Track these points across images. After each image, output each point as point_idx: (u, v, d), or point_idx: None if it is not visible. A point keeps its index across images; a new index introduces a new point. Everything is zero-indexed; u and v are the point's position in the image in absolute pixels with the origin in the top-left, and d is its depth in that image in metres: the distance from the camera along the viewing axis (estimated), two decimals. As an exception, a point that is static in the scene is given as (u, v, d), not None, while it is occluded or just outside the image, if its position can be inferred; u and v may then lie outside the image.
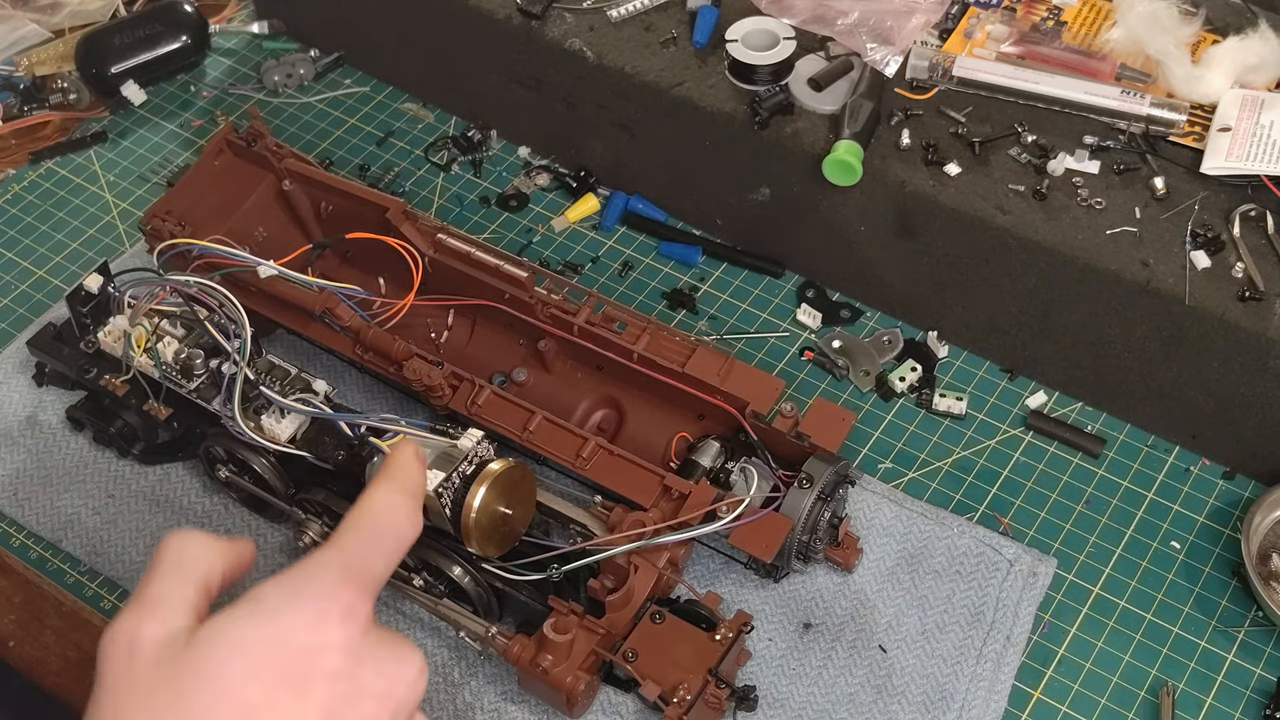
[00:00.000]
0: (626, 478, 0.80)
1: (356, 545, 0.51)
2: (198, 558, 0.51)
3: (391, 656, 0.48)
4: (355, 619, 0.48)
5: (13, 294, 1.02)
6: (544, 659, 0.72)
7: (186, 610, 0.48)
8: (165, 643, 0.47)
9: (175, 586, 0.49)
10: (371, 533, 0.51)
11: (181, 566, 0.50)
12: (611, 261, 1.03)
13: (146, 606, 0.48)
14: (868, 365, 0.95)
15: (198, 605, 0.49)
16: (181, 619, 0.48)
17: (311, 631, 0.47)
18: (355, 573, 0.49)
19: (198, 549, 0.51)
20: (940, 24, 0.98)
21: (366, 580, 0.49)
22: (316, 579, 0.48)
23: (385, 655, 0.48)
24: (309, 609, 0.47)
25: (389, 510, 0.52)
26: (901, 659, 0.80)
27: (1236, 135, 0.88)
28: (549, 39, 1.00)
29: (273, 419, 0.81)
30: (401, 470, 0.54)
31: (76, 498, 0.88)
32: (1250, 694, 0.80)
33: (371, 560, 0.50)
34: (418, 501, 0.54)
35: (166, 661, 0.46)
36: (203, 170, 0.95)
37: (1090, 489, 0.89)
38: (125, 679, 0.46)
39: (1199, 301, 0.83)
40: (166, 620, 0.48)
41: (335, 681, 0.46)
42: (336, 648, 0.47)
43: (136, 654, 0.47)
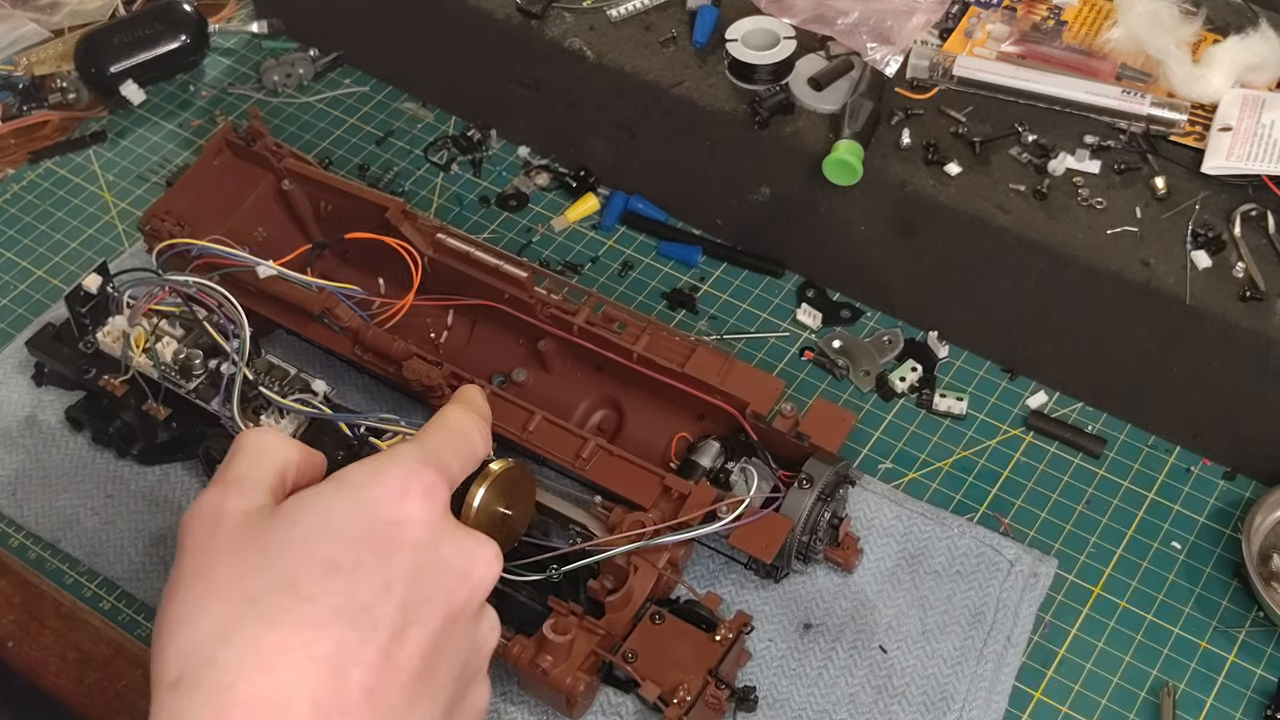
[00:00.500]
0: (626, 478, 0.80)
1: (438, 442, 0.54)
2: (275, 448, 0.52)
3: (469, 537, 0.51)
4: (435, 498, 0.50)
5: (11, 294, 1.02)
6: (543, 660, 0.72)
7: (265, 490, 0.50)
8: (248, 514, 0.49)
9: (257, 468, 0.51)
10: (450, 435, 0.55)
11: (261, 454, 0.52)
12: (611, 261, 1.03)
13: (230, 484, 0.50)
14: (868, 365, 0.95)
15: (275, 489, 0.51)
16: (262, 496, 0.50)
17: (395, 504, 0.49)
18: (436, 461, 0.51)
19: (276, 442, 0.53)
20: (941, 23, 0.98)
21: (444, 470, 0.52)
22: (400, 460, 0.51)
23: (464, 536, 0.51)
24: (393, 484, 0.49)
25: (465, 422, 0.56)
26: (902, 659, 0.80)
27: (1237, 135, 0.88)
28: (549, 38, 1.00)
29: (271, 419, 0.80)
30: (472, 399, 0.59)
31: (75, 498, 0.88)
32: (1251, 694, 0.80)
33: (450, 456, 0.53)
34: (487, 426, 0.58)
35: (252, 529, 0.48)
36: (202, 170, 0.95)
37: (1091, 489, 0.89)
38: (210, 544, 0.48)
39: (1200, 301, 0.82)
40: (250, 496, 0.50)
41: (418, 551, 0.48)
42: (419, 521, 0.49)
43: (221, 523, 0.48)
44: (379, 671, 0.45)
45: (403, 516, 0.49)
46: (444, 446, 0.54)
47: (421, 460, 0.51)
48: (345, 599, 0.46)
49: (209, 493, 0.50)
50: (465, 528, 0.51)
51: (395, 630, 0.46)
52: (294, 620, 0.45)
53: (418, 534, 0.49)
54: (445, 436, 0.54)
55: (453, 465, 0.53)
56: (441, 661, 0.48)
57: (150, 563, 0.85)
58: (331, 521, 0.48)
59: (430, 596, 0.48)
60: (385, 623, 0.46)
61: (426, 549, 0.49)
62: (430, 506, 0.50)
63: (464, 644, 0.50)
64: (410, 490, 0.49)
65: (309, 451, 0.54)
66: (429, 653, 0.47)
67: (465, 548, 0.50)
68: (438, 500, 0.50)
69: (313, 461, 0.54)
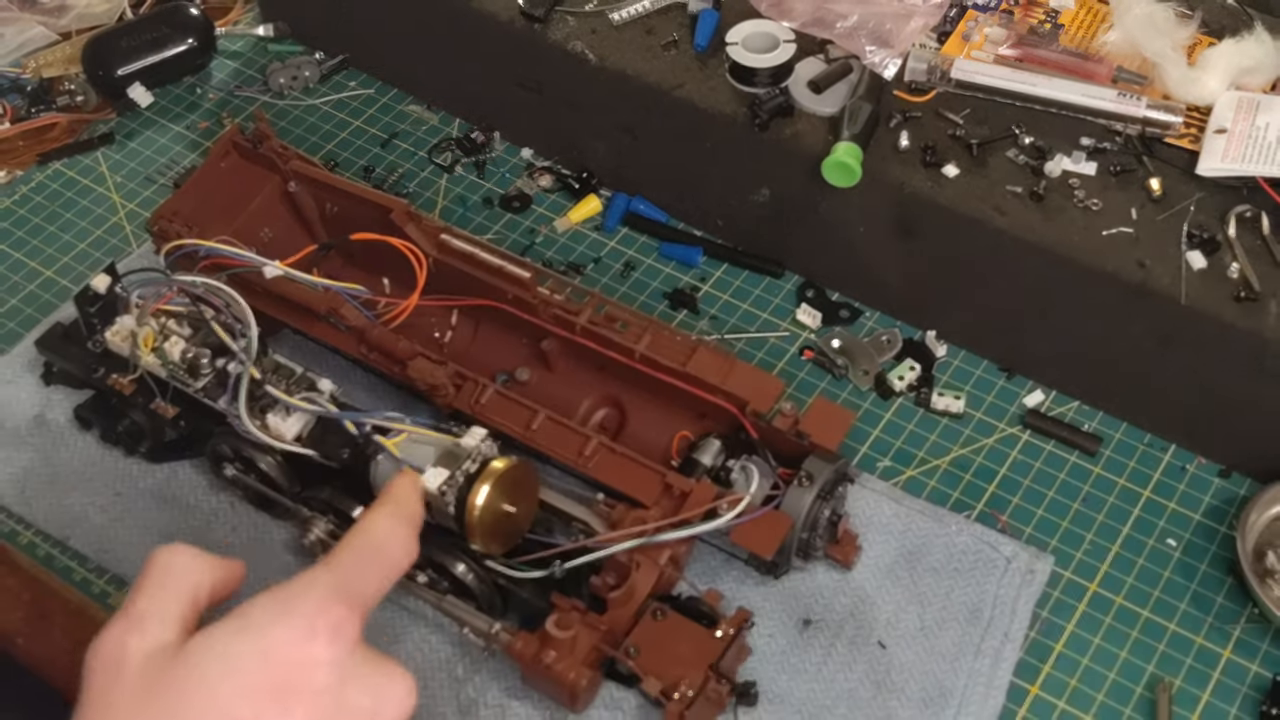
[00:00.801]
0: (628, 476, 0.80)
1: (350, 565, 0.51)
2: (186, 572, 0.51)
3: (380, 675, 0.49)
4: (344, 636, 0.48)
5: (21, 294, 1.03)
6: (547, 655, 0.73)
7: (174, 624, 0.48)
8: (152, 655, 0.47)
9: (162, 600, 0.49)
10: (366, 555, 0.52)
11: (169, 581, 0.50)
12: (613, 262, 1.04)
13: (134, 620, 0.48)
14: (867, 364, 0.96)
15: (185, 619, 0.49)
16: (169, 633, 0.48)
17: (299, 647, 0.47)
18: (346, 591, 0.49)
19: (187, 563, 0.51)
20: (938, 27, 0.99)
21: (357, 600, 0.49)
22: (307, 595, 0.48)
23: (373, 674, 0.48)
24: (298, 624, 0.47)
25: (386, 535, 0.53)
26: (900, 655, 0.81)
27: (1232, 137, 0.89)
28: (551, 42, 1.01)
29: (278, 418, 0.81)
30: (402, 499, 0.55)
31: (84, 496, 0.89)
32: (1246, 690, 0.80)
33: (364, 582, 0.51)
34: (415, 530, 0.55)
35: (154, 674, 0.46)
36: (209, 172, 0.96)
37: (1087, 487, 0.90)
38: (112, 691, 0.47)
39: (1195, 301, 0.83)
40: (154, 633, 0.48)
41: (321, 697, 0.47)
42: (324, 664, 0.47)
43: (124, 666, 0.47)
44: None
45: (308, 659, 0.47)
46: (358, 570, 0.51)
47: (332, 595, 0.48)
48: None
49: (112, 629, 0.48)
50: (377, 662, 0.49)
51: None
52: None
53: (321, 679, 0.47)
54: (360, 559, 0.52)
55: (368, 590, 0.51)
56: None
57: (158, 559, 0.85)
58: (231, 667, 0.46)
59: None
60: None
61: (329, 694, 0.47)
62: (337, 647, 0.47)
63: None
64: (317, 630, 0.47)
65: (223, 565, 0.52)
66: None
67: (374, 687, 0.48)
68: (345, 638, 0.48)
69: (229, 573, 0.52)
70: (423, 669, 0.81)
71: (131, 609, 0.49)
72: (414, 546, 0.54)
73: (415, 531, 0.55)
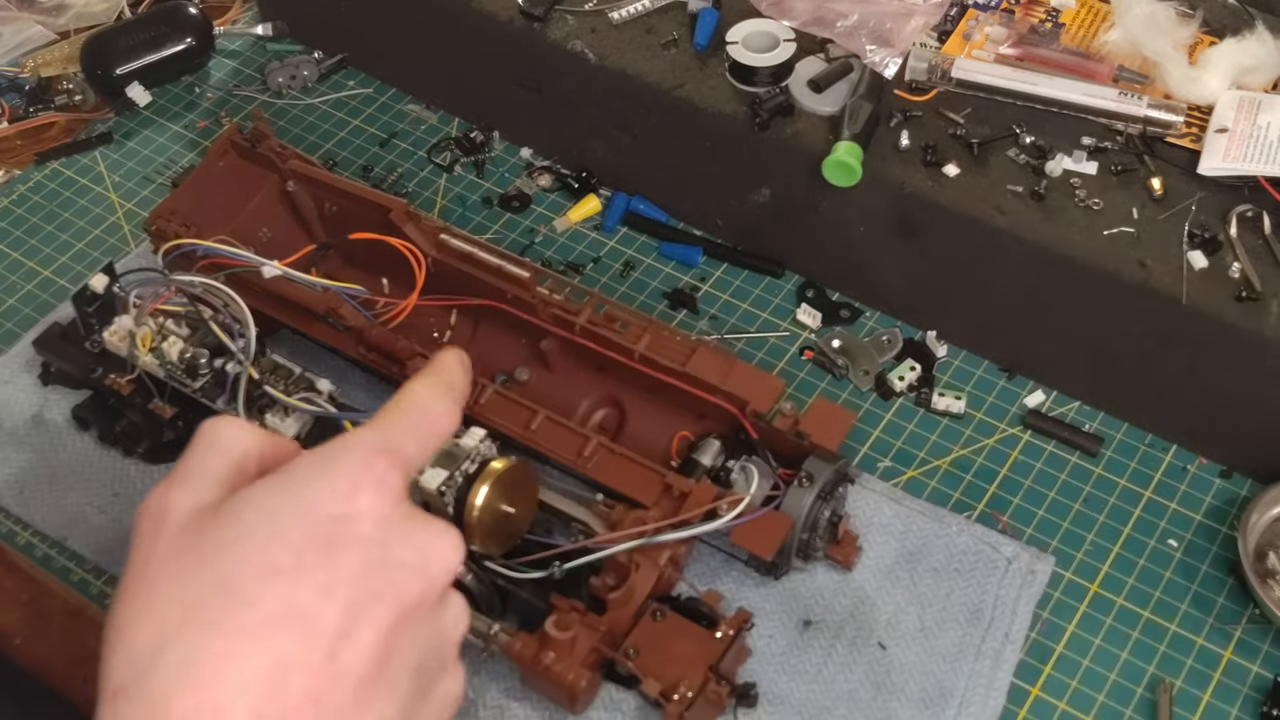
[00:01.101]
0: (628, 476, 0.80)
1: (394, 424, 0.51)
2: (233, 438, 0.50)
3: (424, 528, 0.48)
4: (387, 490, 0.47)
5: (18, 294, 1.02)
6: (546, 656, 0.73)
7: (217, 483, 0.48)
8: (194, 511, 0.47)
9: (208, 462, 0.49)
10: (409, 415, 0.51)
11: (215, 445, 0.50)
12: (613, 262, 1.04)
13: (177, 478, 0.48)
14: (867, 365, 0.95)
15: (231, 481, 0.49)
16: (211, 491, 0.48)
17: (342, 500, 0.46)
18: (389, 448, 0.48)
19: (234, 431, 0.51)
20: (939, 26, 0.99)
21: (400, 456, 0.49)
22: (349, 451, 0.48)
23: (418, 528, 0.48)
24: (340, 478, 0.47)
25: (429, 399, 0.53)
26: (901, 656, 0.81)
27: (1234, 136, 0.89)
28: (551, 41, 1.01)
29: (277, 418, 0.81)
30: (447, 368, 0.55)
31: (82, 496, 0.89)
32: (1247, 691, 0.80)
33: (407, 440, 0.50)
34: (458, 399, 0.54)
35: (194, 528, 0.46)
36: (207, 171, 0.96)
37: (1088, 487, 0.90)
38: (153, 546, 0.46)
39: (1196, 301, 0.83)
40: (196, 491, 0.48)
41: (365, 547, 0.46)
42: (367, 516, 0.46)
43: (164, 522, 0.47)
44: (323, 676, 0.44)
45: (350, 512, 0.46)
46: (401, 429, 0.50)
47: (374, 448, 0.48)
48: (284, 603, 0.44)
49: (157, 488, 0.48)
50: (422, 516, 0.48)
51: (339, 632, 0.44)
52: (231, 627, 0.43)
53: (366, 530, 0.46)
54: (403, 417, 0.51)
55: (410, 449, 0.50)
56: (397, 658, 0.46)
57: (156, 560, 0.85)
58: (273, 520, 0.46)
59: (380, 594, 0.46)
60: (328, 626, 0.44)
61: (375, 545, 0.46)
62: (381, 499, 0.47)
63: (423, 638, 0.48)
64: (359, 483, 0.47)
65: (274, 438, 0.52)
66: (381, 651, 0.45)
67: (419, 540, 0.47)
68: (389, 491, 0.47)
69: (280, 447, 0.52)
70: (421, 670, 0.80)
71: (177, 470, 0.49)
72: (457, 415, 0.53)
73: (459, 401, 0.54)
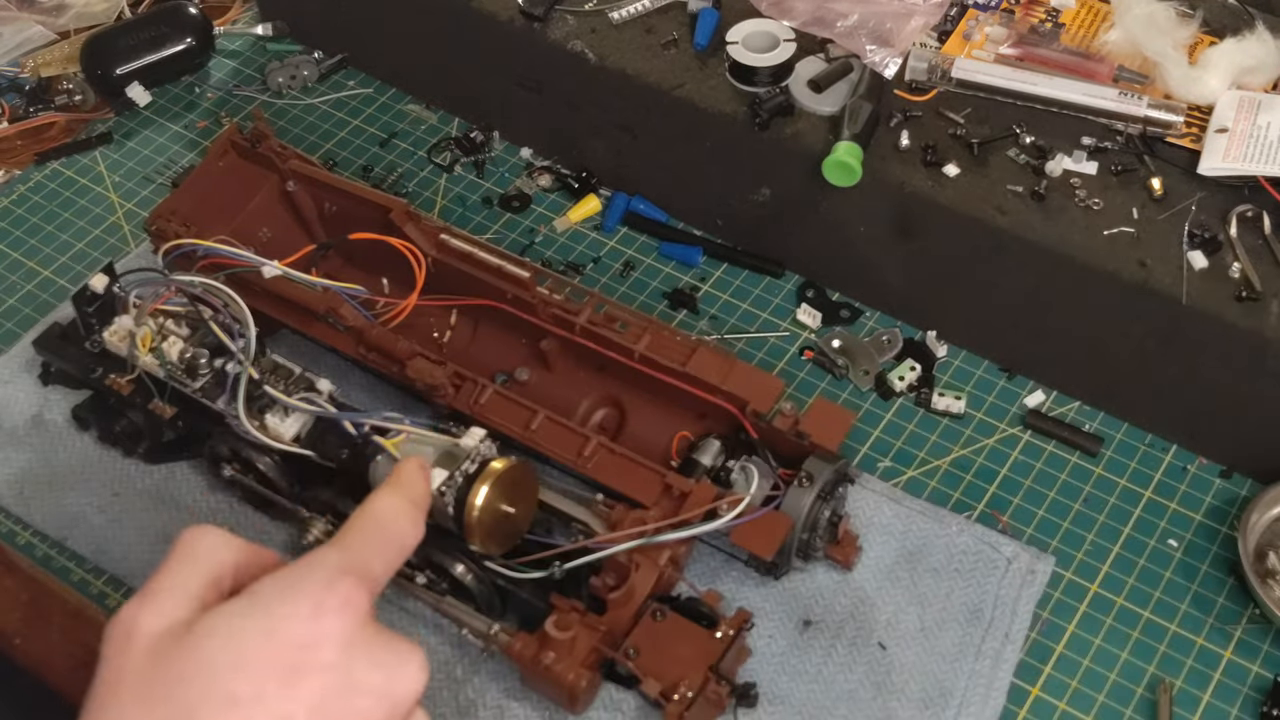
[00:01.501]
0: (628, 476, 0.80)
1: (358, 544, 0.50)
2: (210, 550, 0.50)
3: (389, 651, 0.48)
4: (352, 612, 0.47)
5: (18, 294, 1.02)
6: (546, 656, 0.73)
7: (189, 602, 0.48)
8: (162, 634, 0.47)
9: (181, 578, 0.49)
10: (374, 534, 0.51)
11: (191, 559, 0.50)
12: (613, 262, 1.04)
13: (149, 596, 0.48)
14: (867, 365, 0.95)
15: (204, 599, 0.49)
16: (182, 611, 0.48)
17: (306, 624, 0.46)
18: (353, 568, 0.48)
19: (212, 543, 0.50)
20: (939, 26, 0.99)
21: (365, 576, 0.49)
22: (313, 573, 0.48)
23: (383, 650, 0.48)
24: (304, 601, 0.47)
25: (393, 514, 0.52)
26: (901, 656, 0.81)
27: (1234, 136, 0.89)
28: (551, 41, 1.01)
29: (277, 418, 0.81)
30: (408, 480, 0.55)
31: (82, 496, 0.89)
32: (1247, 691, 0.80)
33: (372, 560, 0.50)
34: (421, 511, 0.54)
35: (162, 653, 0.46)
36: (207, 171, 0.96)
37: (1088, 487, 0.90)
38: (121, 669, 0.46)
39: (1196, 301, 0.83)
40: (166, 611, 0.47)
41: (329, 674, 0.46)
42: (331, 641, 0.46)
43: (133, 644, 0.47)
44: None
45: (315, 637, 0.46)
46: (366, 547, 0.50)
47: (339, 569, 0.48)
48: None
49: (129, 605, 0.48)
50: (387, 639, 0.48)
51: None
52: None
53: (329, 655, 0.46)
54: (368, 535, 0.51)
55: (375, 568, 0.50)
56: None
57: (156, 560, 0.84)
58: (237, 648, 0.46)
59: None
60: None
61: (338, 671, 0.46)
62: (345, 622, 0.47)
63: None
64: (324, 607, 0.46)
65: (252, 550, 0.51)
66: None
67: (384, 664, 0.47)
68: (355, 613, 0.47)
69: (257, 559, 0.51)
70: (422, 670, 0.80)
71: (150, 585, 0.49)
72: (421, 526, 0.54)
73: (422, 511, 0.54)
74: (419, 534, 0.53)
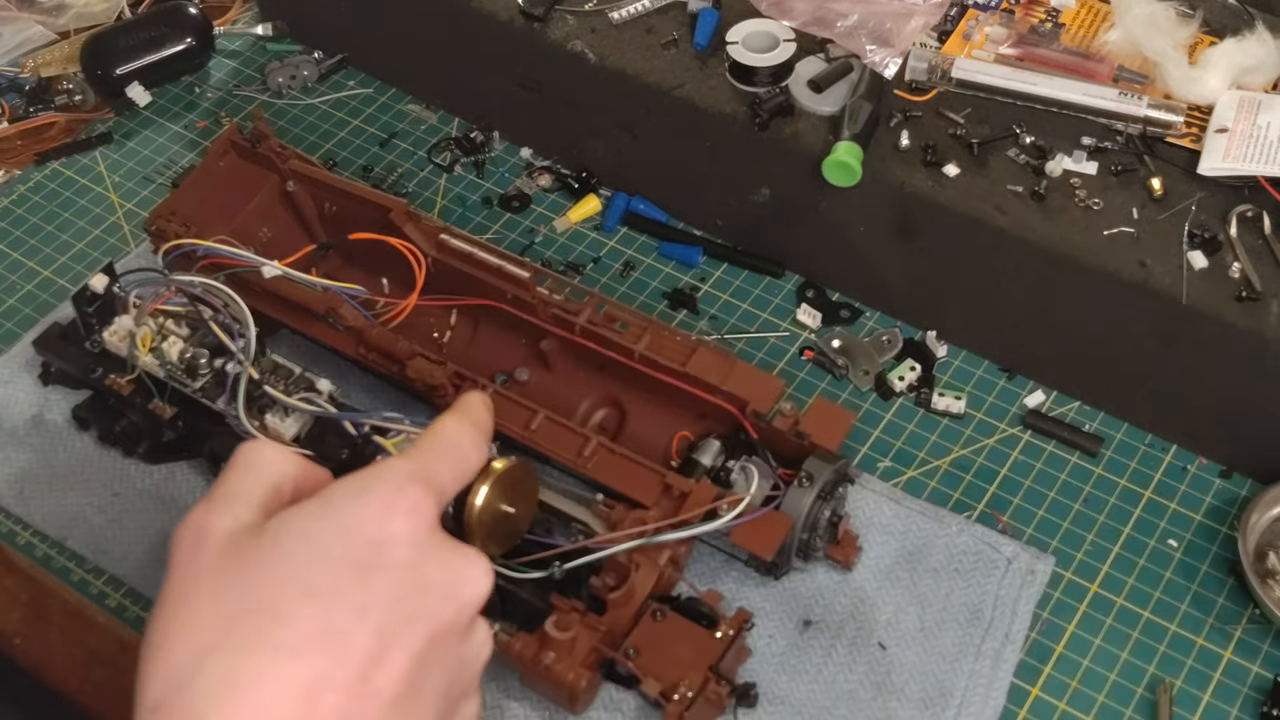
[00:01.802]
0: (628, 476, 0.80)
1: (427, 455, 0.53)
2: (270, 462, 0.52)
3: (457, 555, 0.50)
4: (421, 516, 0.49)
5: (18, 294, 1.02)
6: (546, 656, 0.73)
7: (254, 507, 0.50)
8: (233, 533, 0.48)
9: (246, 484, 0.51)
10: (442, 448, 0.53)
11: (253, 468, 0.51)
12: (613, 262, 1.04)
13: (216, 501, 0.50)
14: (867, 365, 0.95)
15: (267, 504, 0.50)
16: (250, 514, 0.49)
17: (378, 524, 0.48)
18: (423, 476, 0.50)
19: (271, 455, 0.52)
20: (939, 26, 0.99)
21: (434, 484, 0.51)
22: (385, 477, 0.50)
23: (450, 554, 0.50)
24: (376, 503, 0.49)
25: (459, 433, 0.55)
26: (901, 656, 0.81)
27: (1234, 136, 0.89)
28: (551, 41, 1.01)
29: (277, 418, 0.81)
30: (473, 407, 0.57)
31: (81, 496, 0.89)
32: (1248, 691, 0.80)
33: (440, 469, 0.52)
34: (485, 436, 0.56)
35: (235, 549, 0.48)
36: (207, 171, 0.96)
37: (1088, 487, 0.90)
38: (192, 565, 0.48)
39: (1196, 301, 0.83)
40: (235, 513, 0.49)
41: (400, 571, 0.48)
42: (402, 541, 0.48)
43: (204, 543, 0.48)
44: (355, 696, 0.45)
45: (386, 536, 0.48)
46: (434, 459, 0.52)
47: (409, 475, 0.50)
48: (320, 624, 0.45)
49: (197, 509, 0.49)
50: (454, 543, 0.50)
51: (373, 654, 0.46)
52: (268, 646, 0.45)
53: (400, 554, 0.48)
54: (436, 449, 0.53)
55: (443, 479, 0.52)
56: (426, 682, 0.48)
57: (156, 560, 0.85)
58: (311, 543, 0.47)
59: (412, 617, 0.47)
60: (362, 647, 0.45)
61: (409, 569, 0.48)
62: (415, 524, 0.49)
63: (451, 662, 0.49)
64: (395, 508, 0.48)
65: (309, 465, 0.53)
66: (411, 674, 0.47)
67: (451, 566, 0.49)
68: (423, 517, 0.49)
69: (314, 474, 0.53)
70: (421, 670, 0.80)
71: (216, 492, 0.50)
72: (484, 451, 0.56)
73: (486, 438, 0.57)
74: (483, 456, 0.56)
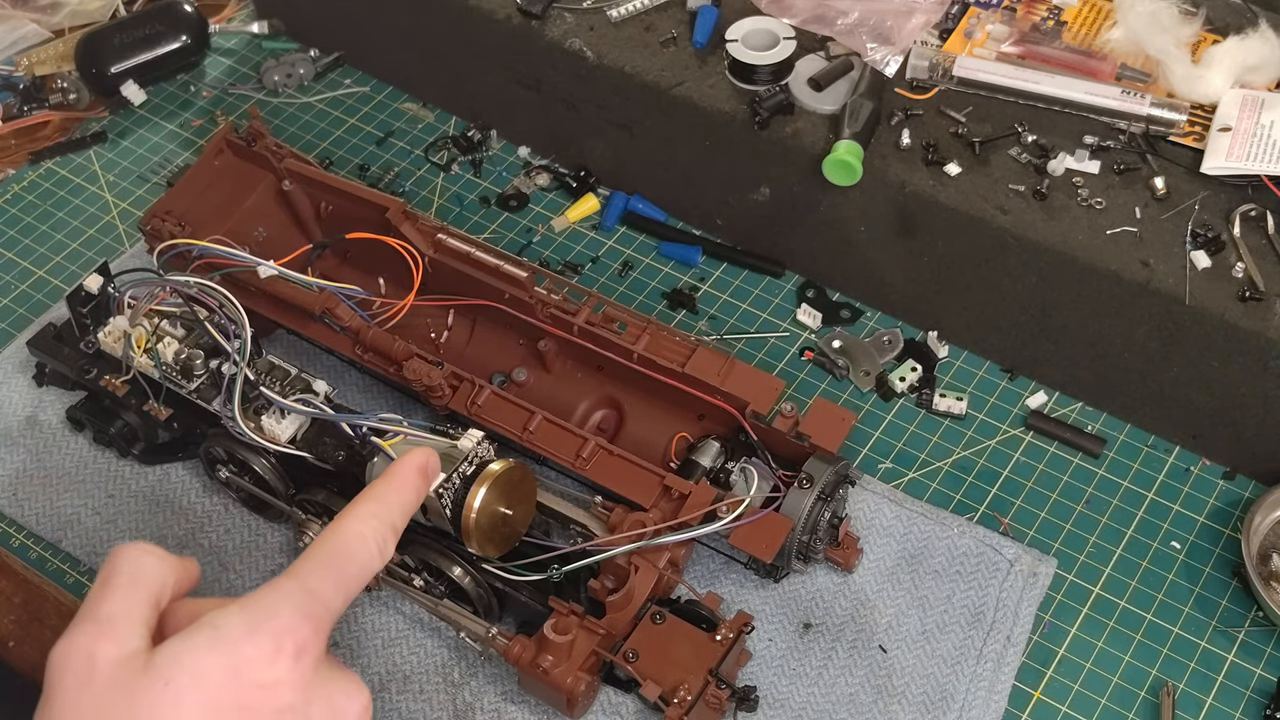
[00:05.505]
0: (627, 478, 0.80)
1: (318, 580, 0.51)
2: (151, 574, 0.51)
3: (340, 692, 0.50)
4: (309, 655, 0.49)
5: (13, 294, 1.02)
6: (544, 659, 0.73)
7: (141, 629, 0.49)
8: (121, 663, 0.47)
9: (130, 604, 0.49)
10: (335, 566, 0.52)
11: (135, 583, 0.50)
12: (611, 261, 1.03)
13: (103, 625, 0.48)
14: (868, 365, 0.95)
15: (150, 624, 0.49)
16: (136, 640, 0.48)
17: (267, 666, 0.48)
18: (313, 608, 0.50)
19: (149, 562, 0.51)
20: (940, 24, 0.98)
21: (325, 614, 0.50)
22: (276, 614, 0.49)
23: (334, 691, 0.50)
24: (266, 644, 0.48)
25: (358, 543, 0.53)
26: (902, 659, 0.80)
27: (1237, 135, 0.88)
28: (549, 39, 1.00)
29: (273, 419, 0.81)
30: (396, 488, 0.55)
31: (76, 498, 0.88)
32: (1250, 694, 0.80)
33: (331, 595, 0.51)
34: (396, 528, 0.55)
35: (124, 684, 0.47)
36: (202, 170, 0.95)
37: (1090, 489, 0.89)
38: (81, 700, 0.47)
39: (1199, 301, 0.83)
40: (123, 640, 0.48)
41: (283, 715, 0.48)
42: (288, 685, 0.48)
43: (93, 674, 0.47)
44: None
45: (274, 680, 0.48)
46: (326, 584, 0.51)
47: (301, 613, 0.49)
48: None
49: (80, 634, 0.48)
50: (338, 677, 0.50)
51: None
52: None
53: (286, 697, 0.48)
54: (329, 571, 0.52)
55: (335, 602, 0.51)
56: None
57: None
58: (203, 686, 0.47)
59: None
60: None
61: (294, 712, 0.48)
62: (302, 665, 0.49)
63: None
64: (284, 649, 0.48)
65: (184, 565, 0.53)
66: None
67: (334, 706, 0.50)
68: (311, 656, 0.49)
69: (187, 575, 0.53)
70: (418, 673, 0.80)
71: (98, 613, 0.49)
72: (390, 547, 0.54)
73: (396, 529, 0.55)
74: (386, 557, 0.54)
